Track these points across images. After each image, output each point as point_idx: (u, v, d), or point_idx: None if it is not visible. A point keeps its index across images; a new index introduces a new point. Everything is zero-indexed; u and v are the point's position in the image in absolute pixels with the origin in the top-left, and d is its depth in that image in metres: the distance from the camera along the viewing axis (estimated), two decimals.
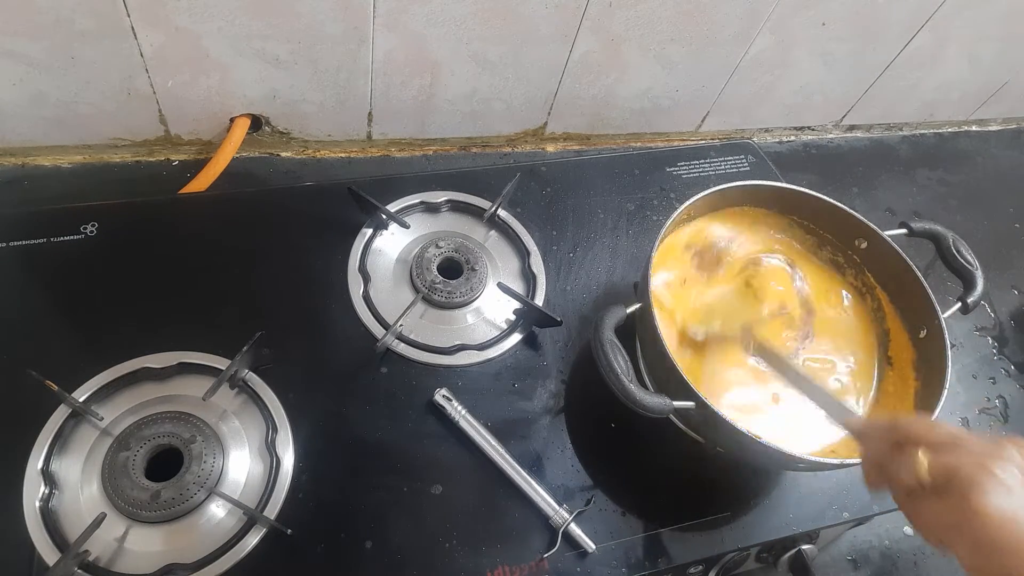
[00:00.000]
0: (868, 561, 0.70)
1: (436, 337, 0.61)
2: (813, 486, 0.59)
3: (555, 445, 0.57)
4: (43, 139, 0.72)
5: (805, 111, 0.98)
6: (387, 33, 0.69)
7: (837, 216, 0.62)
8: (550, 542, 0.52)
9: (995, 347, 0.86)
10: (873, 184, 0.98)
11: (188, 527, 0.49)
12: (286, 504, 0.51)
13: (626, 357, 0.49)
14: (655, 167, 0.77)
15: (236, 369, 0.53)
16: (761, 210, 0.64)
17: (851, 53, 0.88)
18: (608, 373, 0.48)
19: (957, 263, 0.62)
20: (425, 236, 0.67)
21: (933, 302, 0.56)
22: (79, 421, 0.52)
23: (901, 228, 0.62)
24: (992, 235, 0.97)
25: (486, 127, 0.85)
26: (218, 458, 0.51)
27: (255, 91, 0.72)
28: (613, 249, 0.70)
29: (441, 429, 0.56)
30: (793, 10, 0.79)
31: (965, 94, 1.05)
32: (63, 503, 0.49)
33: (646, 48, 0.79)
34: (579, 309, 0.65)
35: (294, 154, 0.81)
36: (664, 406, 0.48)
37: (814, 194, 0.62)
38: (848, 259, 0.63)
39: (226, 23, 0.64)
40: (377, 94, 0.76)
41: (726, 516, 0.57)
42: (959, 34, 0.90)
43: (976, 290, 0.60)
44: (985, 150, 1.09)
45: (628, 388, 0.47)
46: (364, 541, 0.51)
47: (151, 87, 0.68)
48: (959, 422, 0.80)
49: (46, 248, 0.60)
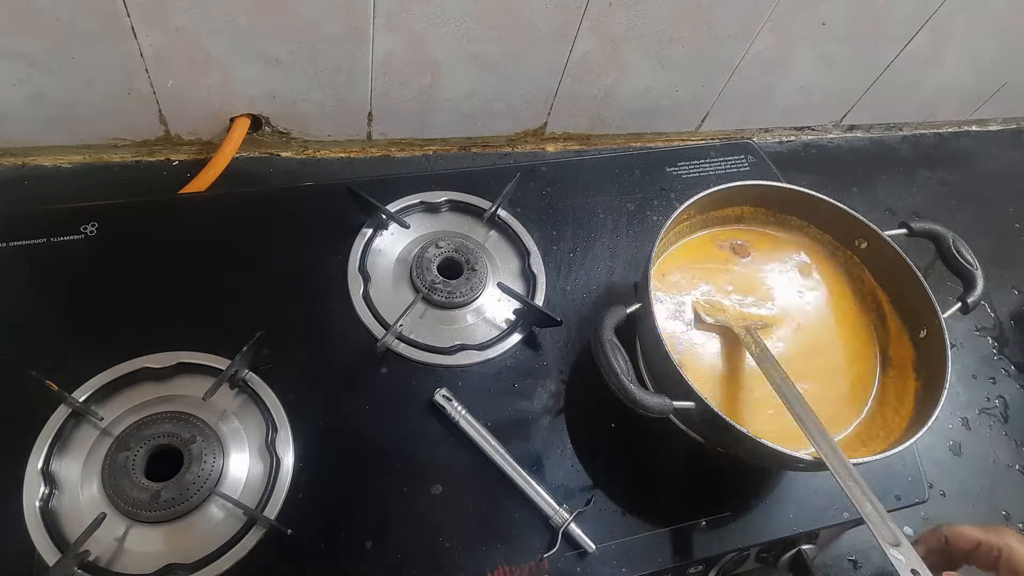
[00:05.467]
0: (868, 561, 0.70)
1: (436, 337, 0.61)
2: (813, 486, 0.59)
3: (555, 445, 0.57)
4: (43, 139, 0.72)
5: (805, 111, 0.98)
6: (387, 33, 0.69)
7: (837, 216, 0.62)
8: (550, 542, 0.52)
9: (995, 347, 0.86)
10: (873, 184, 0.99)
11: (188, 527, 0.49)
12: (286, 504, 0.51)
13: (626, 357, 0.49)
14: (655, 167, 0.77)
15: (236, 369, 0.53)
16: (760, 210, 0.64)
17: (851, 53, 0.88)
18: (608, 373, 0.48)
19: (957, 263, 0.62)
20: (425, 236, 0.67)
21: (933, 302, 0.56)
22: (79, 421, 0.52)
23: (901, 228, 0.62)
24: (992, 235, 0.97)
25: (486, 127, 0.85)
26: (218, 458, 0.51)
27: (255, 91, 0.72)
28: (613, 249, 0.70)
29: (441, 429, 0.56)
30: (793, 10, 0.79)
31: (965, 94, 1.05)
32: (63, 503, 0.49)
33: (646, 48, 0.79)
34: (579, 309, 0.65)
35: (294, 154, 0.81)
36: (664, 406, 0.48)
37: (814, 194, 0.62)
38: (848, 259, 0.63)
39: (226, 23, 0.64)
40: (377, 94, 0.76)
41: (726, 516, 0.57)
42: (959, 34, 0.90)
43: (976, 290, 0.60)
44: (985, 150, 1.09)
45: (628, 388, 0.47)
46: (364, 541, 0.51)
47: (151, 87, 0.68)
48: (959, 422, 0.80)
49: (46, 248, 0.60)
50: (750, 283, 0.62)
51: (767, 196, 0.63)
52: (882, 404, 0.58)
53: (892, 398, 0.58)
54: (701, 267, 0.62)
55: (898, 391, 0.58)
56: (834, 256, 0.64)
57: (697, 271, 0.62)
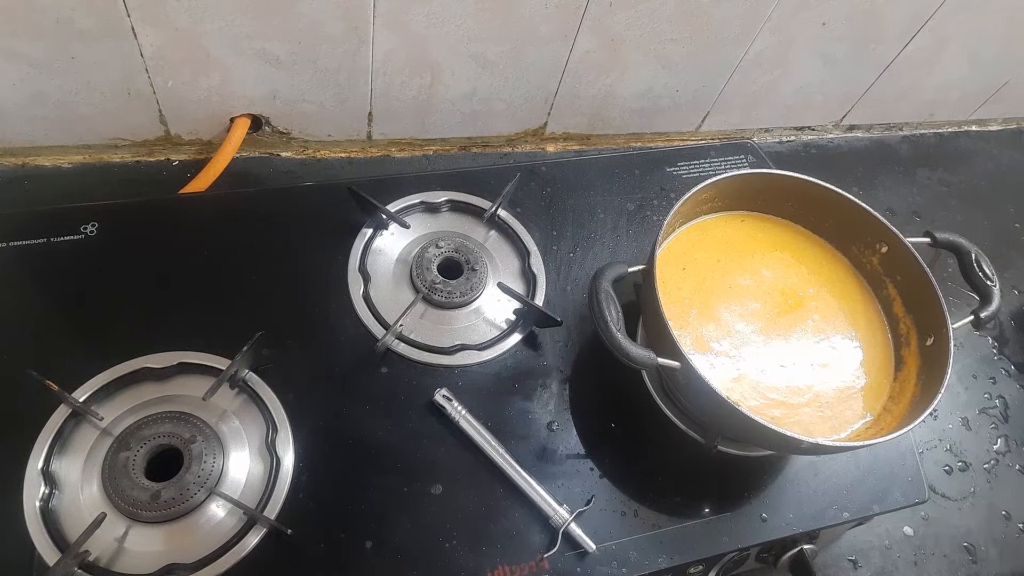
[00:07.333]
0: (868, 561, 0.70)
1: (436, 337, 0.61)
2: (813, 486, 0.60)
3: (555, 445, 0.57)
4: (43, 139, 0.72)
5: (805, 111, 0.98)
6: (387, 33, 0.69)
7: (861, 217, 0.61)
8: (550, 542, 0.52)
9: (995, 347, 0.86)
10: (873, 184, 0.99)
11: (188, 527, 0.49)
12: (286, 504, 0.51)
13: (619, 308, 0.51)
14: (655, 167, 0.77)
15: (236, 369, 0.53)
16: (784, 202, 0.64)
17: (851, 53, 0.88)
18: (599, 321, 0.50)
19: (977, 278, 0.60)
20: (425, 236, 0.67)
21: (945, 314, 0.55)
22: (79, 421, 0.52)
23: (925, 237, 0.61)
24: (992, 235, 0.97)
25: (486, 127, 0.85)
26: (218, 458, 0.51)
27: (255, 91, 0.72)
28: (613, 249, 0.70)
29: (441, 429, 0.56)
30: (793, 10, 0.79)
31: (965, 94, 1.05)
32: (63, 503, 0.49)
33: (646, 48, 0.79)
34: (579, 309, 0.65)
35: (294, 154, 0.81)
36: (648, 359, 0.49)
37: (841, 192, 0.61)
38: (867, 261, 0.63)
39: (226, 23, 0.64)
40: (377, 94, 0.76)
41: (726, 516, 0.57)
42: (959, 34, 0.90)
43: (991, 306, 0.59)
44: (985, 150, 1.09)
45: (616, 337, 0.48)
46: (364, 541, 0.51)
47: (151, 87, 0.68)
48: (959, 422, 0.80)
49: (46, 248, 0.60)
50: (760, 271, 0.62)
51: (794, 188, 0.63)
52: (885, 409, 0.58)
53: (892, 401, 0.57)
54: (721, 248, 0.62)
55: (895, 396, 0.57)
56: (852, 255, 0.64)
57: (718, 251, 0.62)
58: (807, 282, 0.62)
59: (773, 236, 0.64)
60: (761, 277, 0.61)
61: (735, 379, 0.55)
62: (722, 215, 0.64)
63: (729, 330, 0.58)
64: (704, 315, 0.58)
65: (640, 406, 0.60)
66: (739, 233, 0.64)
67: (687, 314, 0.58)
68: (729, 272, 0.61)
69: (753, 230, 0.64)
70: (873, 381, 0.58)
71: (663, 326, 0.50)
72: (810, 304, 0.61)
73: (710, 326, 0.58)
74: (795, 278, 0.62)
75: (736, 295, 0.60)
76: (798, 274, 0.62)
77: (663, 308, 0.50)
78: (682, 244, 0.62)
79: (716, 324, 0.58)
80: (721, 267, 0.61)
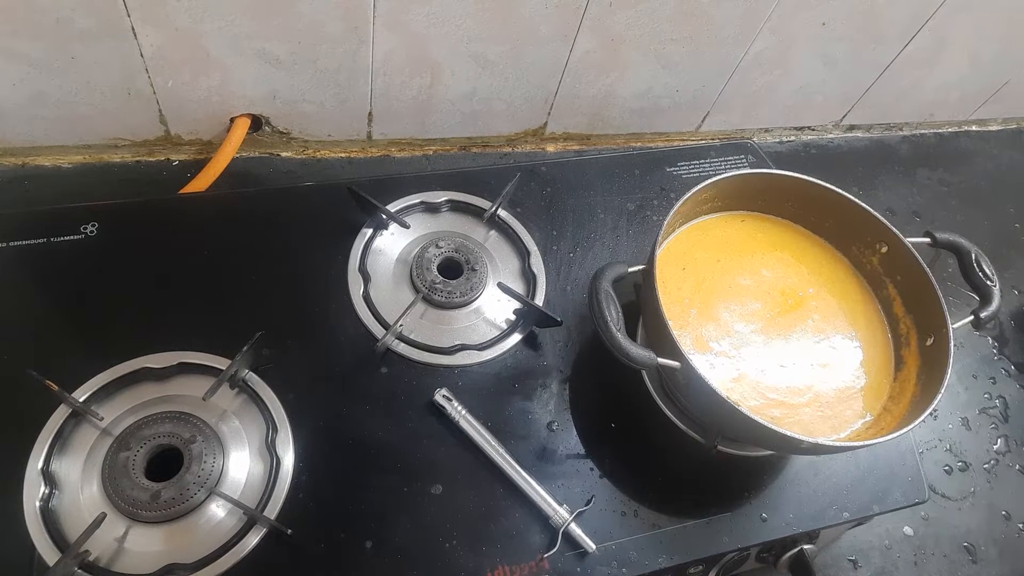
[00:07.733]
0: (868, 561, 0.70)
1: (436, 337, 0.61)
2: (813, 486, 0.60)
3: (555, 445, 0.57)
4: (43, 139, 0.72)
5: (805, 111, 0.98)
6: (387, 33, 0.69)
7: (862, 217, 0.61)
8: (550, 542, 0.52)
9: (995, 347, 0.86)
10: (873, 184, 0.99)
11: (188, 527, 0.49)
12: (286, 504, 0.51)
13: (619, 308, 0.50)
14: (655, 167, 0.77)
15: (236, 369, 0.53)
16: (784, 203, 0.64)
17: (851, 53, 0.89)
18: (599, 321, 0.50)
19: (977, 278, 0.60)
20: (425, 236, 0.67)
21: (945, 314, 0.55)
22: (79, 421, 0.52)
23: (925, 237, 0.61)
24: (992, 235, 0.97)
25: (486, 127, 0.85)
26: (218, 458, 0.51)
27: (255, 91, 0.72)
28: (613, 249, 0.70)
29: (441, 429, 0.56)
30: (793, 10, 0.79)
31: (965, 94, 1.05)
32: (63, 503, 0.49)
33: (646, 48, 0.79)
34: (579, 309, 0.65)
35: (294, 154, 0.81)
36: (648, 359, 0.49)
37: (841, 192, 0.61)
38: (867, 260, 0.63)
39: (226, 23, 0.64)
40: (377, 94, 0.76)
41: (726, 516, 0.57)
42: (959, 34, 0.90)
43: (991, 306, 0.59)
44: (985, 150, 1.09)
45: (616, 337, 0.48)
46: (364, 541, 0.51)
47: (151, 87, 0.68)
48: (959, 422, 0.80)
49: (46, 248, 0.60)
50: (760, 271, 0.62)
51: (794, 188, 0.62)
52: (885, 409, 0.58)
53: (892, 402, 0.57)
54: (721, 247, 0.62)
55: (894, 396, 0.57)
56: (852, 255, 0.64)
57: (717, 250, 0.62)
58: (807, 282, 0.62)
59: (773, 236, 0.64)
60: (761, 277, 0.61)
61: (735, 379, 0.55)
62: (722, 215, 0.64)
63: (729, 330, 0.58)
64: (704, 315, 0.58)
65: (640, 406, 0.60)
66: (739, 233, 0.64)
67: (687, 314, 0.58)
68: (729, 272, 0.61)
69: (753, 230, 0.64)
70: (873, 381, 0.58)
71: (663, 326, 0.50)
72: (810, 304, 0.61)
73: (710, 326, 0.58)
74: (795, 278, 0.62)
75: (736, 295, 0.60)
76: (798, 274, 0.63)
77: (663, 308, 0.50)
78: (682, 244, 0.62)
79: (716, 324, 0.58)
80: (721, 267, 0.61)
